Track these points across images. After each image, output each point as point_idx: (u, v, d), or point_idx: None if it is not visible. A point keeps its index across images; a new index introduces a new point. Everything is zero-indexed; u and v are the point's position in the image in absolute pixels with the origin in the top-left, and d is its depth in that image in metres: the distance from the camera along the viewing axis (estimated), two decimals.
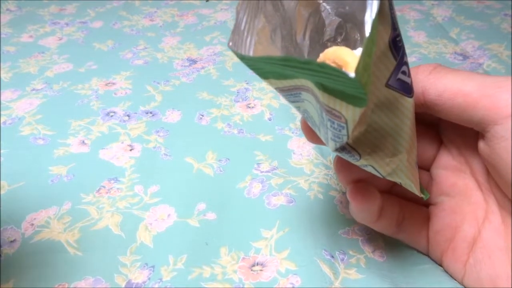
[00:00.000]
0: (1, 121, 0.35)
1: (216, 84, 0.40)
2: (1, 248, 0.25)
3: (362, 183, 0.22)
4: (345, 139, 0.17)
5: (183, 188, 0.29)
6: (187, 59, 0.44)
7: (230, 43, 0.17)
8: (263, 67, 0.16)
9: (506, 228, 0.20)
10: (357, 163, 0.19)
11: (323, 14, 0.20)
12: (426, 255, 0.24)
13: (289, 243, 0.25)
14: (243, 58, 0.15)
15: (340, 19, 0.20)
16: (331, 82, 0.14)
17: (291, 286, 0.23)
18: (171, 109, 0.36)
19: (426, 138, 0.22)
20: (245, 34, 0.18)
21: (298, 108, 0.19)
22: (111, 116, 0.36)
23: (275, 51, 0.19)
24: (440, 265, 0.23)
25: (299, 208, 0.27)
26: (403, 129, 0.18)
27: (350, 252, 0.24)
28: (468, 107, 0.18)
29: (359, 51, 0.18)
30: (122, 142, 0.33)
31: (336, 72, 0.13)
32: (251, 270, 0.24)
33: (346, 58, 0.17)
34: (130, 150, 0.32)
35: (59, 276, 0.23)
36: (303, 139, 0.33)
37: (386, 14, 0.16)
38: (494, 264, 0.20)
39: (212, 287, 0.23)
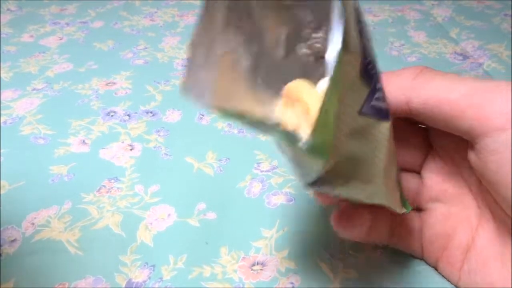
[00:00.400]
0: (2, 121, 0.35)
1: None
2: (2, 248, 0.25)
3: (347, 205, 0.21)
4: (314, 177, 0.16)
5: (183, 188, 0.29)
6: (187, 59, 0.44)
7: (183, 90, 0.15)
8: (225, 115, 0.15)
9: (501, 236, 0.19)
10: (332, 194, 0.18)
11: (300, 16, 0.19)
12: (421, 259, 0.23)
13: (289, 242, 0.25)
14: (200, 105, 0.14)
15: (316, 20, 0.19)
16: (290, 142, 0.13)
17: (291, 286, 0.23)
18: (171, 109, 0.36)
19: (414, 141, 0.21)
20: (201, 68, 0.16)
21: (269, 136, 0.18)
22: (112, 115, 0.36)
23: (240, 80, 0.18)
24: (435, 269, 0.23)
25: (299, 207, 0.27)
26: (378, 155, 0.17)
27: (350, 252, 0.24)
28: (454, 117, 0.17)
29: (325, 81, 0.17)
30: (123, 142, 0.33)
31: (290, 137, 0.13)
32: (251, 269, 0.24)
33: (307, 101, 0.16)
34: (131, 149, 0.32)
35: (59, 276, 0.23)
36: None
37: (354, 46, 0.14)
38: (488, 272, 0.19)
39: (212, 287, 0.23)
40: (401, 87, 0.18)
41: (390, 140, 0.18)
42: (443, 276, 0.22)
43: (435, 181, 0.22)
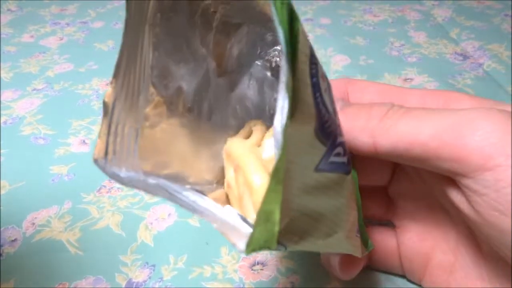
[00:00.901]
0: (2, 121, 0.35)
1: None
2: (2, 248, 0.25)
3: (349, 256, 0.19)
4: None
5: None
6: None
7: (97, 156, 0.13)
8: None
9: (485, 254, 0.18)
10: (284, 251, 0.17)
11: (256, 32, 0.18)
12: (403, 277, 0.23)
13: None
14: (121, 182, 0.13)
15: (271, 35, 0.18)
16: None
17: (291, 285, 0.23)
18: None
19: (377, 159, 0.19)
20: (124, 127, 0.14)
21: None
22: None
23: (176, 124, 0.16)
24: (419, 285, 0.22)
25: None
26: (340, 208, 0.16)
27: None
28: (428, 158, 0.15)
29: (270, 144, 0.16)
30: None
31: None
32: (252, 269, 0.24)
33: (252, 180, 0.15)
34: None
35: (60, 275, 0.23)
36: None
37: (306, 105, 0.13)
38: None
39: (213, 287, 0.23)
40: (367, 130, 0.17)
41: (351, 191, 0.17)
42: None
43: (406, 201, 0.21)
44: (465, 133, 0.15)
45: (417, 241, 0.20)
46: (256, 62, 0.19)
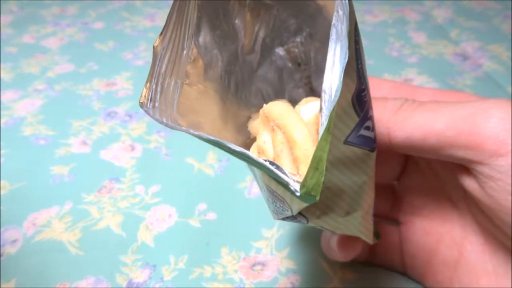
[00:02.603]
0: (3, 122, 0.35)
1: None
2: (3, 248, 0.25)
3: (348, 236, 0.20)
4: (289, 214, 0.15)
5: (184, 188, 0.29)
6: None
7: (143, 100, 0.14)
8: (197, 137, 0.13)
9: (491, 249, 0.18)
10: (307, 225, 0.17)
11: (281, 17, 0.18)
12: (403, 274, 0.23)
13: (289, 242, 0.25)
14: (166, 126, 0.13)
15: (297, 22, 0.18)
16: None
17: (291, 286, 0.23)
18: None
19: (391, 153, 0.20)
20: (167, 78, 0.15)
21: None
22: (112, 116, 0.36)
23: (211, 88, 0.16)
24: (420, 283, 0.22)
25: None
26: (362, 187, 0.16)
27: None
28: (444, 147, 0.16)
29: (311, 107, 0.16)
30: (123, 142, 0.33)
31: (276, 177, 0.12)
32: (252, 269, 0.24)
33: (295, 134, 0.15)
34: (131, 150, 0.32)
35: (60, 276, 0.24)
36: None
37: (352, 69, 0.13)
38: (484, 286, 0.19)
39: (213, 287, 0.23)
40: (382, 122, 0.17)
41: (373, 171, 0.17)
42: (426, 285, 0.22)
43: (415, 195, 0.21)
44: (479, 121, 0.15)
45: (422, 236, 0.21)
46: (278, 49, 0.19)
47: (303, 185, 0.12)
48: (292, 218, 0.16)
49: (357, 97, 0.14)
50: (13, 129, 0.34)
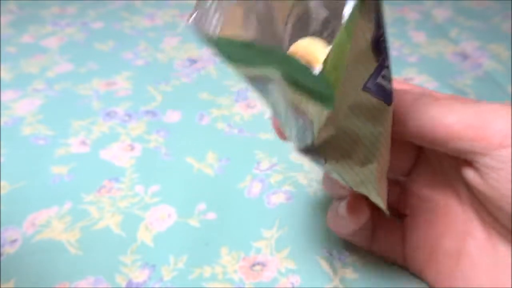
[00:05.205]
0: (2, 121, 0.35)
1: (216, 84, 0.40)
2: (2, 248, 0.25)
3: (358, 197, 0.21)
4: (310, 139, 0.15)
5: (183, 188, 0.29)
6: (187, 59, 0.44)
7: (191, 19, 0.15)
8: (230, 51, 0.14)
9: (493, 245, 0.19)
10: (323, 168, 0.18)
11: (311, 4, 0.18)
12: (403, 267, 0.23)
13: (289, 242, 0.25)
14: (206, 37, 0.13)
15: (327, 13, 0.18)
16: (298, 76, 0.13)
17: (291, 286, 0.23)
18: (171, 109, 0.36)
19: (405, 145, 0.21)
20: (212, 11, 0.15)
21: (266, 101, 0.18)
22: (112, 116, 0.36)
23: (246, 36, 0.17)
24: (420, 276, 0.22)
25: (299, 204, 0.27)
26: (378, 138, 0.17)
27: (347, 252, 0.24)
28: (452, 140, 0.17)
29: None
30: (123, 142, 0.33)
31: (301, 66, 0.12)
32: (252, 270, 0.24)
33: (318, 55, 0.15)
34: (131, 150, 0.32)
35: (60, 276, 0.23)
36: None
37: (370, 9, 0.14)
38: (482, 279, 0.19)
39: (213, 287, 0.23)
40: (400, 109, 0.18)
41: (389, 128, 0.17)
42: (429, 284, 0.22)
43: (421, 187, 0.21)
44: (488, 118, 0.17)
45: (426, 229, 0.21)
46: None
47: (323, 68, 0.12)
48: (312, 152, 0.16)
49: (376, 41, 0.15)
50: (13, 129, 0.34)
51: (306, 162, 0.31)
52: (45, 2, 0.57)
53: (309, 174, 0.29)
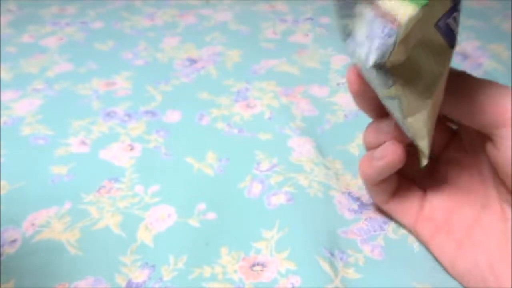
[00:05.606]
0: (2, 121, 0.35)
1: (216, 84, 0.40)
2: (2, 248, 0.25)
3: (398, 141, 0.23)
4: (389, 50, 0.17)
5: (183, 188, 0.29)
6: (187, 59, 0.44)
7: None
8: None
9: (506, 218, 0.21)
10: (386, 92, 0.20)
11: None
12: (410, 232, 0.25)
13: (289, 243, 0.25)
14: None
15: None
16: None
17: (291, 286, 0.23)
18: (171, 109, 0.36)
19: (443, 125, 0.24)
20: None
21: (345, 27, 0.19)
22: (112, 116, 0.36)
23: None
24: (426, 245, 0.24)
25: (299, 206, 0.27)
26: (438, 77, 0.19)
27: (349, 252, 0.24)
28: (477, 113, 0.20)
29: None
30: (123, 142, 0.33)
31: None
32: (252, 270, 0.24)
33: None
34: (131, 150, 0.32)
35: (59, 276, 0.23)
36: (304, 138, 0.33)
37: None
38: (490, 246, 0.21)
39: (213, 287, 0.23)
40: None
41: (447, 72, 0.19)
42: (434, 253, 0.23)
43: (452, 165, 0.24)
44: (507, 96, 0.20)
45: (446, 198, 0.23)
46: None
47: None
48: (384, 70, 0.18)
49: None
50: (12, 129, 0.34)
51: (306, 165, 0.31)
52: (45, 2, 0.57)
53: (309, 175, 0.29)
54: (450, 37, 0.18)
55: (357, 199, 0.28)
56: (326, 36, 0.47)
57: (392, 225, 0.26)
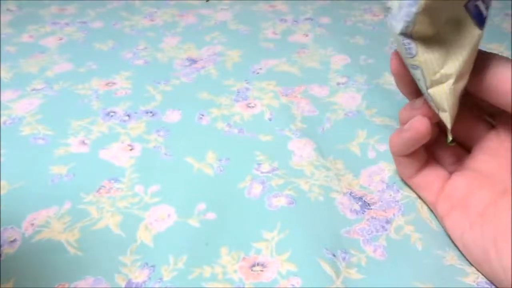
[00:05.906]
0: (2, 121, 0.35)
1: (216, 84, 0.40)
2: (2, 248, 0.25)
3: (428, 116, 0.24)
4: (413, 18, 0.19)
5: (183, 188, 0.29)
6: (187, 59, 0.44)
7: None
8: None
9: None
10: (410, 60, 0.21)
11: None
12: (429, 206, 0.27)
13: (290, 245, 0.25)
14: None
15: None
16: None
17: (291, 287, 0.23)
18: (171, 109, 0.36)
19: (479, 118, 0.25)
20: None
21: (385, 5, 0.21)
22: (111, 116, 0.36)
23: None
24: (441, 220, 0.25)
25: (300, 209, 0.27)
26: (462, 54, 0.20)
27: (351, 252, 0.24)
28: (502, 93, 0.21)
29: None
30: (122, 142, 0.33)
31: None
32: (252, 270, 0.24)
33: None
34: (130, 150, 0.32)
35: (59, 276, 0.23)
36: (304, 140, 0.33)
37: None
38: (502, 226, 0.22)
39: (213, 287, 0.23)
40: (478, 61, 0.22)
41: (474, 51, 0.21)
42: (446, 225, 0.25)
43: (483, 153, 0.25)
44: None
45: (467, 183, 0.24)
46: None
47: None
48: (409, 41, 0.20)
49: None
50: (12, 129, 0.34)
51: (307, 169, 0.30)
52: (45, 2, 0.57)
53: (310, 179, 0.29)
54: (479, 19, 0.19)
55: (359, 199, 0.28)
56: (326, 36, 0.47)
57: (394, 225, 0.26)
